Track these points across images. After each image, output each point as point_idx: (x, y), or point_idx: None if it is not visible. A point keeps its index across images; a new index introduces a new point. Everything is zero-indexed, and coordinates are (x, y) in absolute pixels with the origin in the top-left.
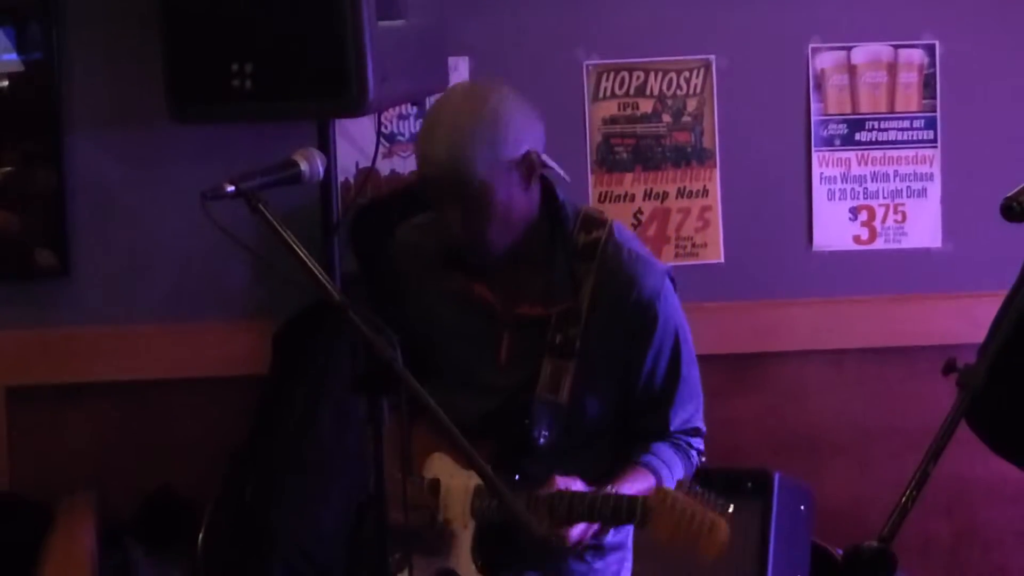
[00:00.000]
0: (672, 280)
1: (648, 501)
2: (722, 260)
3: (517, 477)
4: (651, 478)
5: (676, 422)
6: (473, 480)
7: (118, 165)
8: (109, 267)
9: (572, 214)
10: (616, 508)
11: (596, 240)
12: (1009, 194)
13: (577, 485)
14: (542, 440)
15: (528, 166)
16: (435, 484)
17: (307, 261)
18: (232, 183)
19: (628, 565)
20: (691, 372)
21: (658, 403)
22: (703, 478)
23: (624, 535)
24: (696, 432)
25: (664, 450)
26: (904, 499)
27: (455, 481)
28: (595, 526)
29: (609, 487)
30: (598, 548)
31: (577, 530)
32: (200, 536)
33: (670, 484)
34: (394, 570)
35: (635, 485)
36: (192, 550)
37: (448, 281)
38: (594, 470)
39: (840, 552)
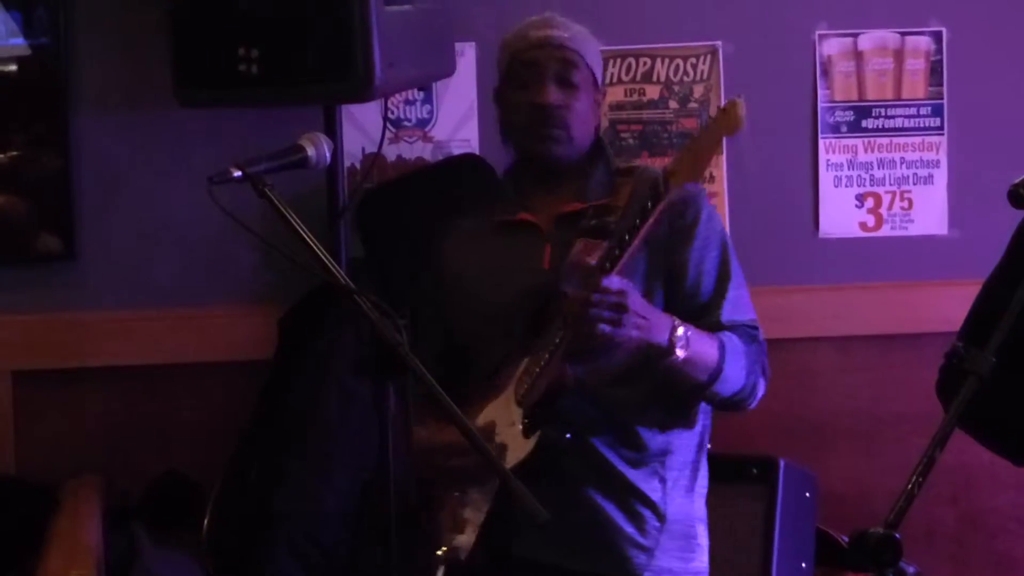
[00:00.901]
0: None
1: (668, 167)
2: None
3: (569, 436)
4: (713, 339)
5: (727, 317)
6: (515, 378)
7: (125, 150)
8: (115, 252)
9: (611, 153)
10: (641, 196)
11: (634, 166)
12: (1016, 180)
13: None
14: (567, 290)
15: (602, 98)
16: (490, 427)
17: (313, 246)
18: (239, 168)
19: (700, 549)
20: (742, 285)
21: (707, 308)
22: (709, 464)
23: (688, 507)
24: (754, 329)
25: (726, 333)
26: (910, 485)
27: (496, 406)
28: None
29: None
30: (660, 518)
31: (611, 279)
32: (205, 519)
33: (732, 361)
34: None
35: (698, 332)
36: (197, 533)
37: (492, 232)
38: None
39: (845, 538)
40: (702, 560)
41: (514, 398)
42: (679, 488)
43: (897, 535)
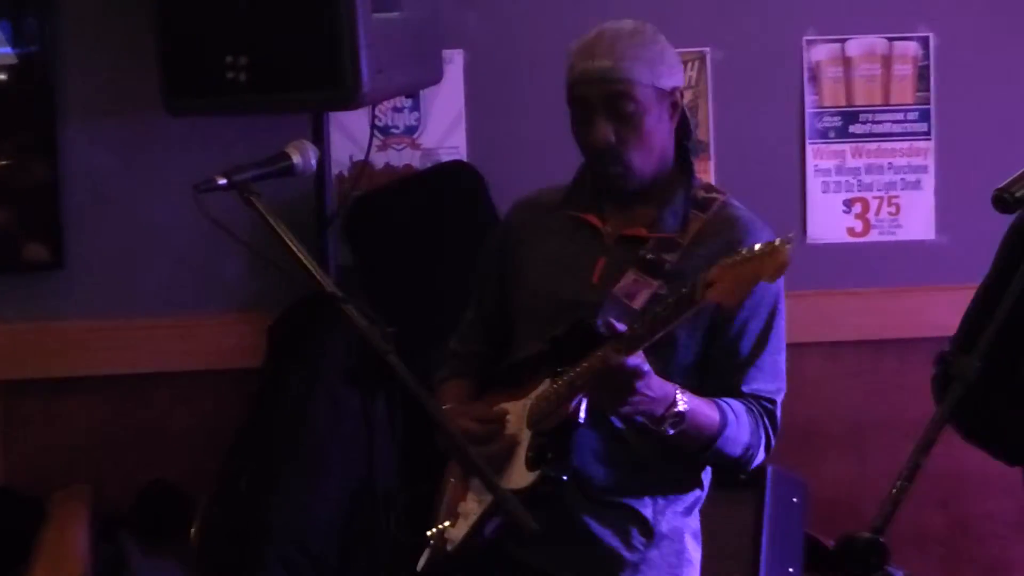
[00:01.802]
0: None
1: (707, 274)
2: None
3: (565, 477)
4: (716, 411)
5: (749, 385)
6: (533, 395)
7: (113, 158)
8: (103, 260)
9: (698, 180)
10: (679, 298)
11: (714, 199)
12: (1001, 185)
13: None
14: (603, 330)
15: (674, 102)
16: (503, 412)
17: (300, 254)
18: (225, 176)
19: (690, 566)
20: (779, 350)
21: (735, 367)
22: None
23: (680, 523)
24: (771, 408)
25: (736, 403)
26: (896, 490)
27: (517, 403)
28: (644, 364)
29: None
30: (648, 534)
31: (633, 359)
32: (194, 528)
33: (732, 434)
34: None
35: (701, 403)
36: (187, 542)
37: (559, 222)
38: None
39: (833, 543)
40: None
41: (527, 417)
42: (672, 507)
43: (883, 540)
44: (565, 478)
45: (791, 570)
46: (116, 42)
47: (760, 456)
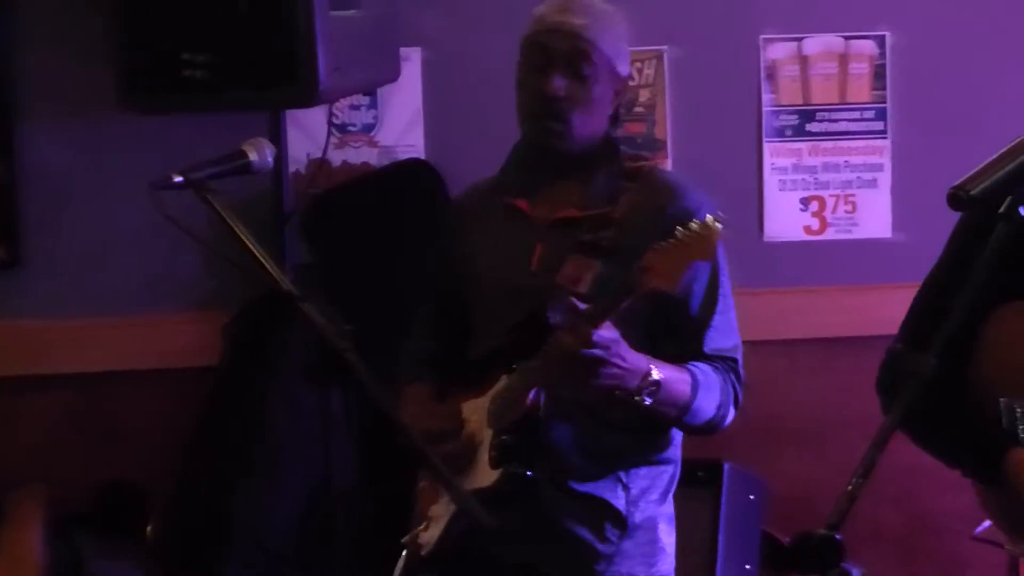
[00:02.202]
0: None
1: (642, 262)
2: None
3: (529, 473)
4: (686, 375)
5: (710, 346)
6: (491, 392)
7: (70, 156)
8: (61, 259)
9: (624, 150)
10: (618, 288)
11: (641, 167)
12: (956, 183)
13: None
14: (554, 320)
15: (621, 88)
16: (463, 412)
17: (257, 251)
18: (181, 173)
19: (664, 554)
20: (729, 307)
21: (691, 331)
22: None
23: (654, 512)
24: (733, 362)
25: (701, 366)
26: (851, 487)
27: (477, 402)
28: (613, 334)
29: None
30: (621, 526)
31: (601, 332)
32: (151, 527)
33: (704, 397)
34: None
35: (673, 370)
36: (144, 541)
37: (494, 208)
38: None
39: (789, 540)
40: (667, 564)
41: (487, 416)
42: (646, 496)
43: (839, 536)
44: (529, 474)
45: (748, 567)
46: (74, 39)
47: (731, 413)
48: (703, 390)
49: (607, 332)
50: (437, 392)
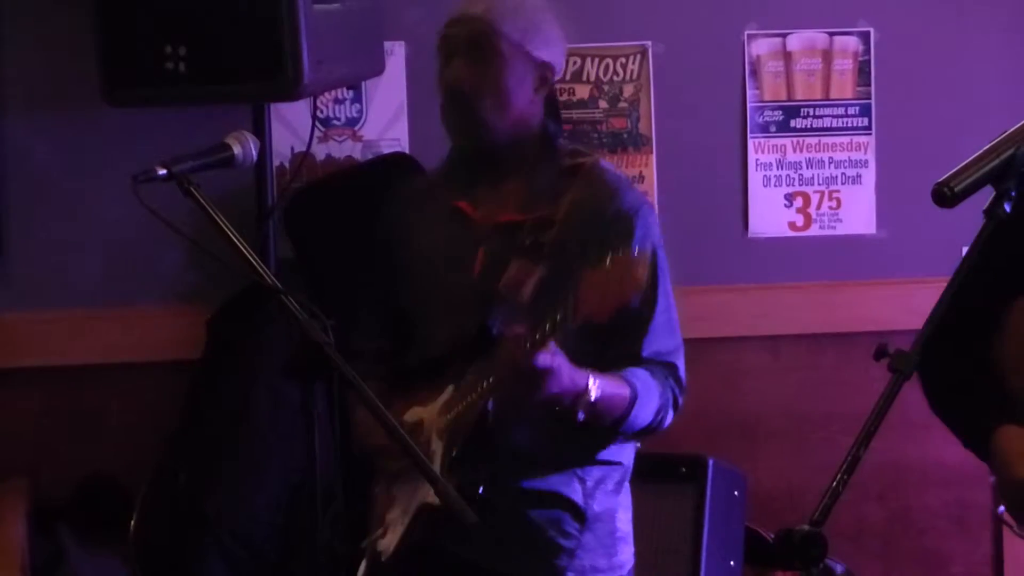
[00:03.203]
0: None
1: (572, 300)
2: None
3: (481, 490)
4: (625, 388)
5: (649, 349)
6: (439, 403)
7: (51, 149)
8: (42, 251)
9: (563, 143)
10: (554, 322)
11: (581, 164)
12: (940, 179)
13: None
14: (495, 330)
15: (543, 76)
16: (417, 424)
17: (240, 245)
18: (164, 166)
19: (623, 543)
20: (669, 306)
21: (630, 330)
22: (638, 463)
23: (611, 503)
24: (673, 368)
25: (640, 373)
26: (835, 483)
27: (424, 410)
28: (558, 359)
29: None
30: (580, 519)
31: (541, 357)
32: (133, 521)
33: (641, 407)
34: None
35: (611, 384)
36: (125, 535)
37: (436, 207)
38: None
39: (773, 536)
40: (627, 552)
41: (437, 428)
42: (602, 487)
43: (822, 532)
44: (481, 491)
45: (732, 563)
46: (54, 32)
47: (670, 417)
48: (641, 401)
49: (548, 356)
50: (387, 396)
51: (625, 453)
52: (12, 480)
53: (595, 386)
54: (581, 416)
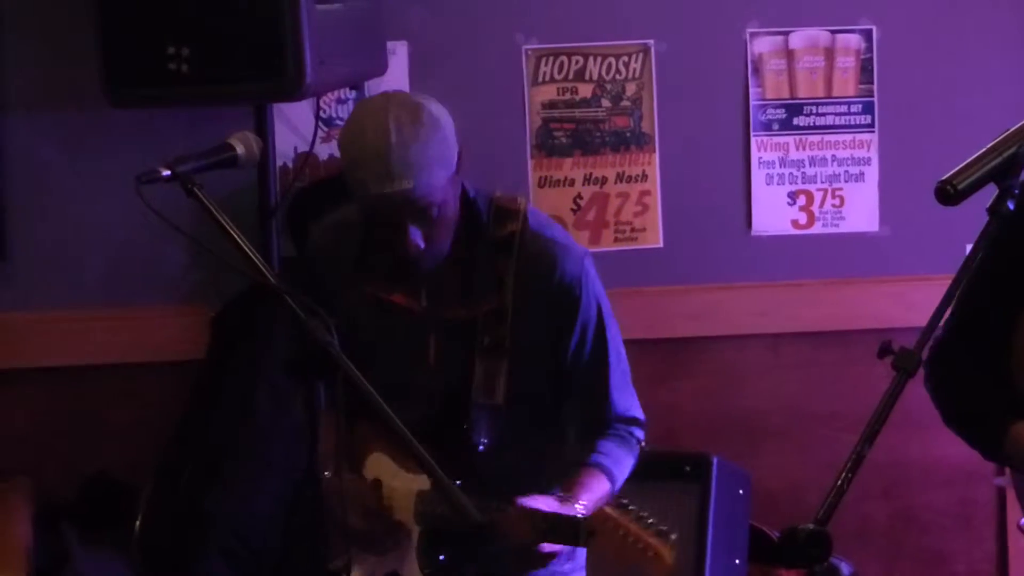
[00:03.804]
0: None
1: (589, 523)
2: (661, 245)
3: (459, 483)
4: (605, 481)
5: (618, 409)
6: (416, 484)
7: (54, 149)
8: (45, 252)
9: (485, 207)
10: (556, 525)
11: (512, 233)
12: (943, 177)
13: (540, 502)
14: (482, 447)
15: (457, 168)
16: (377, 484)
17: (243, 245)
18: (168, 167)
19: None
20: (620, 357)
21: (592, 391)
22: (642, 462)
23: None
24: (636, 422)
25: (610, 447)
26: (839, 481)
27: (397, 483)
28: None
29: (562, 496)
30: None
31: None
32: (137, 520)
33: (622, 474)
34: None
35: (591, 492)
36: (129, 535)
37: (365, 291)
38: (535, 469)
39: (777, 534)
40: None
41: (414, 511)
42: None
43: (827, 531)
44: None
45: (737, 561)
46: (57, 33)
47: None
48: (618, 477)
49: (548, 547)
50: (347, 424)
51: None
52: (16, 479)
53: (583, 507)
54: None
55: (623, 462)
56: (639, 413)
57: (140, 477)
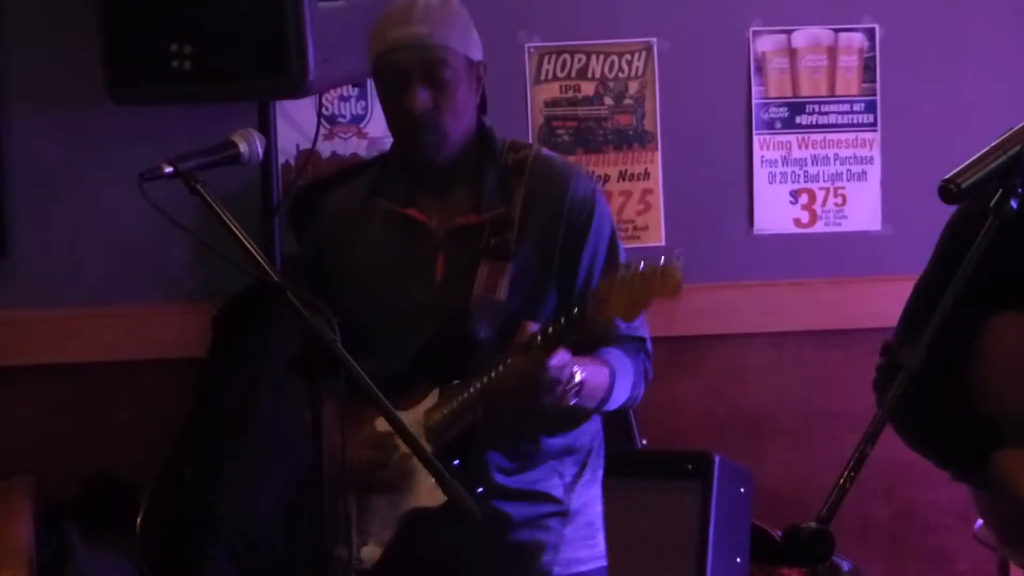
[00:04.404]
0: None
1: (596, 292)
2: (663, 243)
3: (457, 462)
4: (603, 367)
5: (623, 327)
6: (422, 408)
7: (57, 147)
8: (47, 249)
9: (499, 139)
10: (563, 323)
11: (524, 157)
12: (947, 176)
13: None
14: (482, 334)
15: (479, 75)
16: (374, 419)
17: (246, 242)
18: (170, 164)
19: (600, 532)
20: None
21: None
22: (645, 461)
23: (589, 494)
24: (642, 341)
25: (613, 351)
26: (842, 480)
27: (406, 418)
28: (566, 356)
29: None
30: (562, 515)
31: (556, 357)
32: (139, 518)
33: (620, 386)
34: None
35: (586, 362)
36: (131, 532)
37: (378, 219)
38: None
39: (779, 533)
40: (602, 542)
41: (423, 432)
42: (582, 480)
43: (829, 529)
44: (480, 491)
45: (738, 560)
46: (60, 31)
47: (642, 390)
48: (619, 378)
49: (560, 357)
50: (353, 408)
51: (590, 437)
52: (18, 478)
53: (579, 368)
54: (573, 400)
55: (624, 364)
56: (646, 335)
57: (142, 475)
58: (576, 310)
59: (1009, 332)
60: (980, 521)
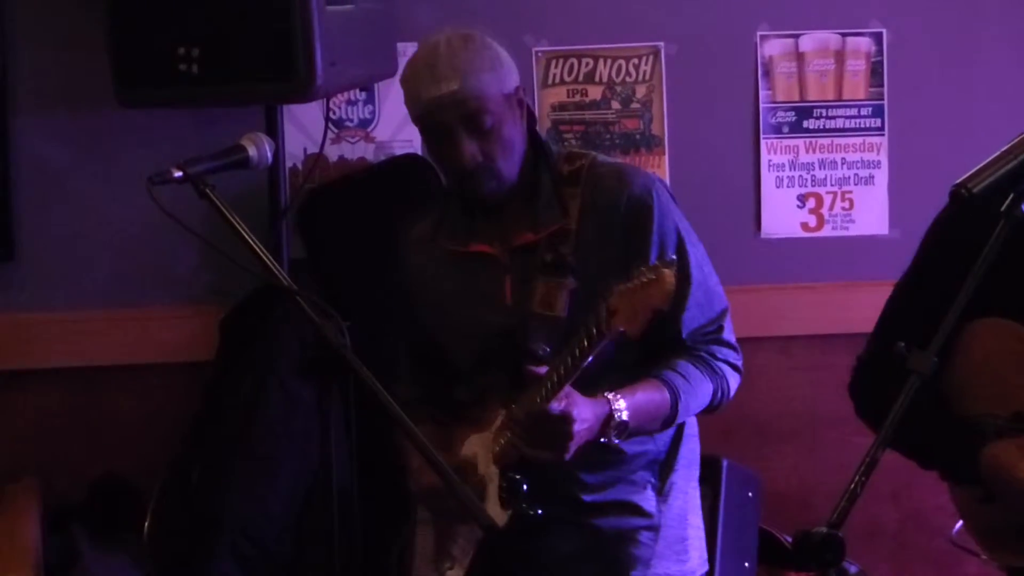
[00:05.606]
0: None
1: (606, 305)
2: None
3: (540, 512)
4: (662, 390)
5: (688, 328)
6: (493, 428)
7: (64, 149)
8: (54, 252)
9: (555, 151)
10: (579, 338)
11: (580, 168)
12: (959, 180)
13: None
14: (540, 352)
15: (519, 100)
16: (473, 459)
17: (255, 246)
18: (179, 168)
19: (693, 546)
20: (705, 275)
21: (670, 319)
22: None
23: (682, 507)
24: (723, 342)
25: (683, 364)
26: (853, 485)
27: (481, 440)
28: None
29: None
30: (653, 528)
31: (560, 403)
32: (146, 522)
33: (689, 399)
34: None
35: (635, 394)
36: (138, 535)
37: (441, 255)
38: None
39: (788, 538)
40: (699, 557)
41: (492, 451)
42: (675, 489)
43: (840, 535)
44: (540, 513)
45: (746, 564)
46: (67, 34)
47: (733, 388)
48: (685, 396)
49: (559, 404)
50: (443, 435)
51: (679, 449)
52: (25, 481)
53: (621, 407)
54: (616, 440)
55: (693, 379)
56: (729, 335)
57: (150, 478)
58: (594, 329)
59: (986, 337)
60: (959, 525)
